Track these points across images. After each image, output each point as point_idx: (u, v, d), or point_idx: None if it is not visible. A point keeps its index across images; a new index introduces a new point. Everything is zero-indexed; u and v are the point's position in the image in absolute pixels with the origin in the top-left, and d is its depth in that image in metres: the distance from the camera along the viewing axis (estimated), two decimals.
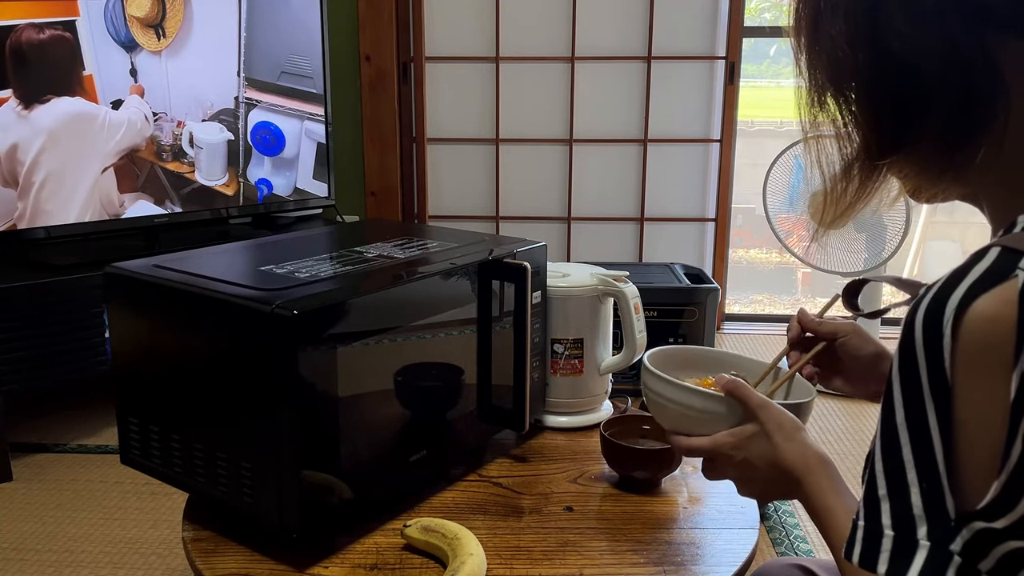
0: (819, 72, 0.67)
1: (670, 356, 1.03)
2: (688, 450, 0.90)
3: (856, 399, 1.06)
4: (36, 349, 2.07)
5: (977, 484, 0.56)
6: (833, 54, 0.65)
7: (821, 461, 0.79)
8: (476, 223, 3.27)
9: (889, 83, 0.63)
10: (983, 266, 0.57)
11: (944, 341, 0.56)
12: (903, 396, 0.59)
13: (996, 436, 0.55)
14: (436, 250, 1.15)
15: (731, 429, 0.85)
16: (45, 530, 1.84)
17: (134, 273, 1.02)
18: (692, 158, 3.20)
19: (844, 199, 0.69)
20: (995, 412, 0.55)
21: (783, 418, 0.83)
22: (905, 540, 0.58)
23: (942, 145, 0.62)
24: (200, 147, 2.47)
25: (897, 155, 0.65)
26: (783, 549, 1.78)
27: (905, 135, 0.63)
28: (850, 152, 0.67)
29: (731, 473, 0.86)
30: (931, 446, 0.57)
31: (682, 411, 0.90)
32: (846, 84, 0.65)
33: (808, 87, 0.68)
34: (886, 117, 0.64)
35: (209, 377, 0.96)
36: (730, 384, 0.86)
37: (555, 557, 0.95)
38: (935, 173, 0.65)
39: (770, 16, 5.57)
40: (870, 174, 0.67)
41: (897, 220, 2.49)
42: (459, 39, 3.16)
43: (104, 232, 2.29)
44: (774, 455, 0.81)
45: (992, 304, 0.55)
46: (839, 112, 0.67)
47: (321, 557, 0.94)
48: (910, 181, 0.68)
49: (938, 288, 0.58)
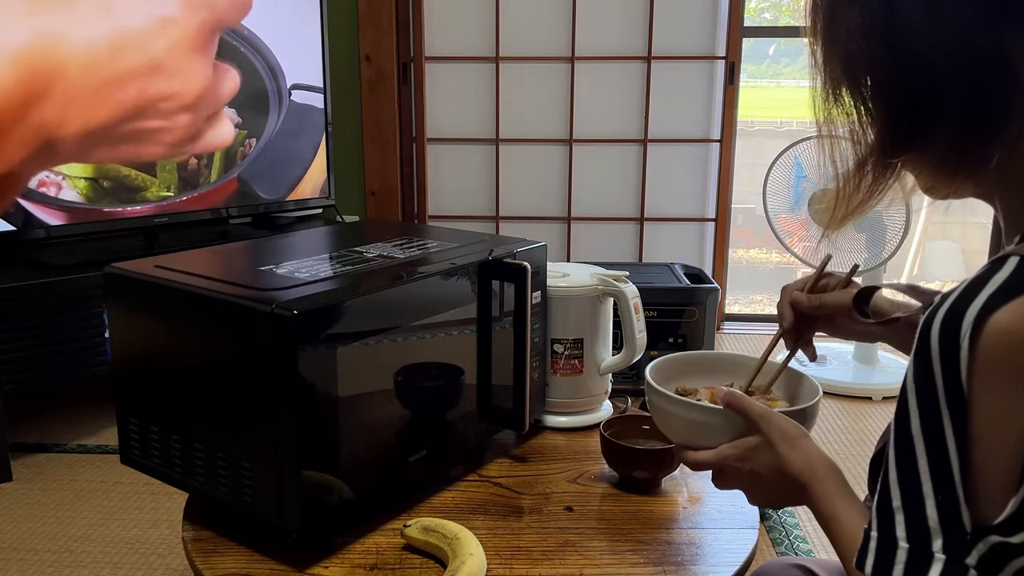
0: (834, 66, 0.66)
1: (675, 363, 1.02)
2: (695, 464, 0.90)
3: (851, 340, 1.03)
4: (36, 349, 2.07)
5: (993, 498, 0.56)
6: (848, 47, 0.64)
7: (827, 467, 0.78)
8: (476, 223, 3.27)
9: (903, 78, 0.62)
10: (1002, 276, 0.56)
11: (961, 353, 0.55)
12: (919, 406, 0.58)
13: (1013, 450, 0.55)
14: (436, 250, 1.15)
15: (735, 441, 0.85)
16: (45, 530, 1.84)
17: (134, 273, 1.02)
18: (692, 158, 3.20)
19: (856, 196, 0.68)
20: (1013, 426, 0.54)
21: (786, 426, 0.82)
22: (920, 552, 0.58)
23: (955, 143, 0.62)
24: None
25: (910, 152, 0.64)
26: (783, 549, 1.77)
27: (918, 132, 0.63)
28: (863, 149, 0.66)
29: (739, 484, 0.86)
30: (947, 458, 0.57)
31: (684, 425, 0.90)
32: (861, 78, 0.65)
33: (823, 81, 0.67)
34: (900, 113, 0.64)
35: (209, 377, 0.96)
36: (728, 396, 0.85)
37: (555, 557, 0.95)
38: (948, 171, 0.64)
39: (770, 16, 5.56)
40: (883, 171, 0.66)
41: (897, 220, 2.49)
42: (459, 39, 3.16)
43: (104, 232, 2.29)
44: (779, 464, 0.81)
45: (1011, 317, 0.54)
46: (853, 107, 0.66)
47: (321, 557, 0.94)
48: (924, 179, 0.67)
49: (955, 298, 0.57)
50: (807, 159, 2.59)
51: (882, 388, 2.64)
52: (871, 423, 2.46)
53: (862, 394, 2.65)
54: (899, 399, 0.60)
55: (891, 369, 2.75)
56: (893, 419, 0.60)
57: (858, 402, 2.61)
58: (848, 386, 2.66)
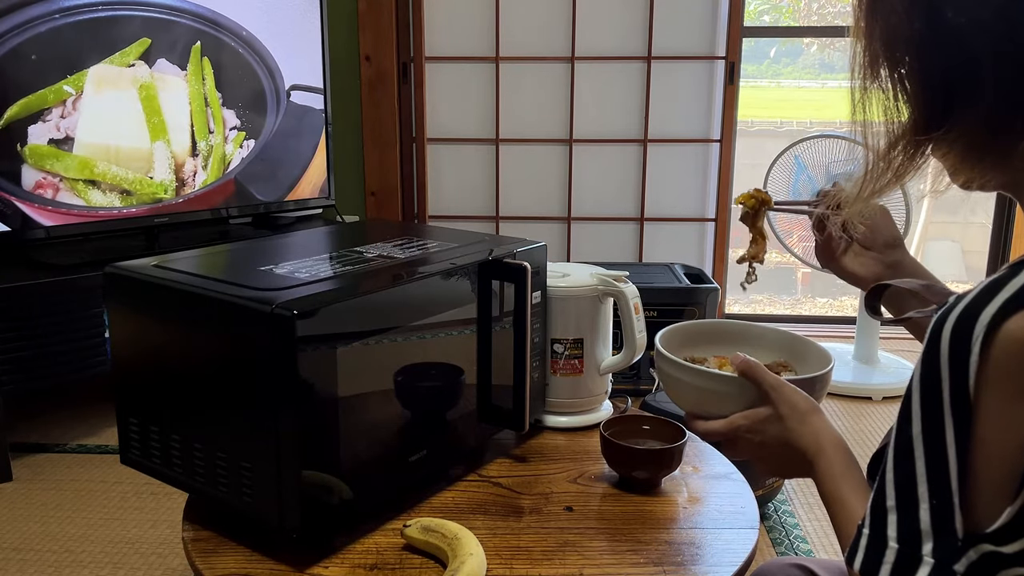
0: (875, 39, 0.66)
1: (683, 332, 1.03)
2: (706, 433, 0.91)
3: (855, 286, 1.05)
4: (36, 349, 2.08)
5: (989, 505, 0.55)
6: (890, 19, 0.64)
7: (834, 445, 0.78)
8: (476, 223, 3.27)
9: (942, 54, 0.62)
10: (1020, 281, 0.55)
11: (972, 357, 0.55)
12: (922, 408, 0.58)
13: (1014, 459, 0.54)
14: (436, 250, 1.15)
15: (745, 412, 0.85)
16: (45, 530, 1.84)
17: (134, 273, 1.02)
18: (692, 158, 3.20)
19: (885, 175, 0.68)
20: (1017, 435, 0.54)
21: (796, 399, 0.83)
22: (909, 554, 0.58)
23: (988, 124, 0.62)
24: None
25: (942, 130, 0.64)
26: (783, 549, 1.77)
27: (952, 110, 0.63)
28: (897, 128, 0.67)
29: (748, 453, 0.87)
30: (946, 462, 0.57)
31: (697, 393, 0.91)
32: (899, 53, 0.65)
33: (863, 56, 0.68)
34: (936, 89, 0.64)
35: (209, 377, 0.96)
36: (743, 364, 0.86)
37: (555, 557, 0.95)
38: (977, 155, 0.64)
39: (769, 19, 5.56)
40: (914, 151, 0.66)
41: (897, 220, 2.49)
42: (459, 39, 3.16)
43: (104, 232, 2.29)
44: (787, 438, 0.82)
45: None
46: (891, 84, 0.66)
47: (321, 557, 0.94)
48: (951, 161, 0.67)
49: (970, 300, 0.56)
50: (807, 159, 2.59)
51: (882, 388, 2.64)
52: (871, 423, 2.46)
53: (862, 394, 2.65)
54: (904, 398, 0.59)
55: (891, 369, 2.75)
56: (896, 418, 0.60)
57: (858, 402, 2.61)
58: (848, 386, 2.66)
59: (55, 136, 2.14)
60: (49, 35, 2.10)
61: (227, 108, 2.54)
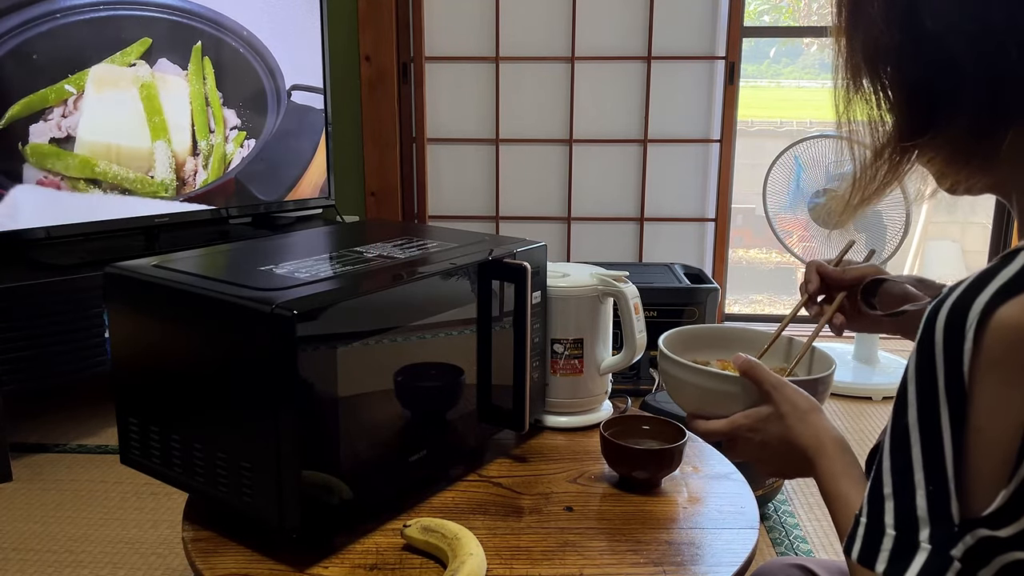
0: (856, 52, 0.67)
1: (685, 336, 1.03)
2: (707, 433, 0.91)
3: (885, 334, 1.06)
4: (36, 349, 2.07)
5: (984, 491, 0.56)
6: (871, 32, 0.65)
7: (835, 444, 0.79)
8: (476, 223, 3.27)
9: (922, 63, 0.63)
10: (1012, 270, 0.56)
11: (966, 345, 0.55)
12: (917, 396, 0.58)
13: (1009, 445, 0.55)
14: (436, 250, 1.15)
15: (746, 411, 0.86)
16: (45, 530, 1.84)
17: (134, 273, 1.02)
18: (692, 158, 3.20)
19: (872, 184, 0.69)
20: (1011, 421, 0.54)
21: (797, 398, 0.83)
22: (906, 541, 0.58)
23: (971, 129, 0.62)
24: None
25: (926, 137, 0.64)
26: (783, 549, 1.78)
27: (936, 116, 0.63)
28: (882, 136, 0.67)
29: (749, 453, 0.87)
30: (941, 449, 0.57)
31: (699, 393, 0.91)
32: (881, 65, 0.66)
33: (844, 69, 0.68)
34: (919, 97, 0.64)
35: (209, 377, 0.96)
36: (745, 364, 0.87)
37: (555, 557, 0.95)
38: (962, 160, 0.65)
39: (769, 20, 5.56)
40: (900, 159, 0.67)
41: (897, 220, 2.49)
42: (459, 39, 3.16)
43: (104, 232, 2.29)
44: (787, 437, 0.82)
45: (1018, 311, 0.54)
46: (873, 94, 0.67)
47: (321, 557, 0.94)
48: (936, 166, 0.68)
49: (963, 289, 0.57)
50: (807, 159, 2.59)
51: (882, 388, 2.64)
52: (871, 423, 2.46)
53: (862, 394, 2.65)
54: (899, 388, 0.60)
55: (891, 369, 2.75)
56: (892, 407, 0.61)
57: (858, 402, 2.62)
58: (848, 386, 2.66)
59: (56, 135, 2.14)
60: (50, 34, 2.10)
61: (228, 108, 2.54)
